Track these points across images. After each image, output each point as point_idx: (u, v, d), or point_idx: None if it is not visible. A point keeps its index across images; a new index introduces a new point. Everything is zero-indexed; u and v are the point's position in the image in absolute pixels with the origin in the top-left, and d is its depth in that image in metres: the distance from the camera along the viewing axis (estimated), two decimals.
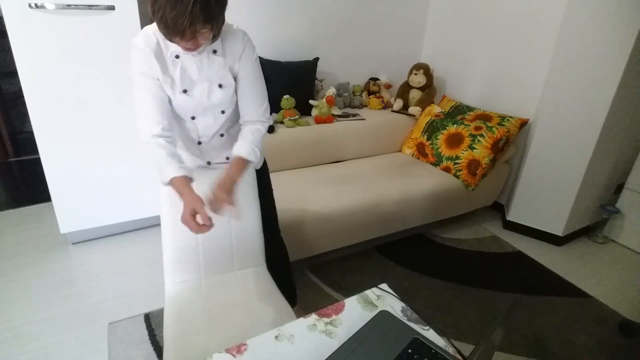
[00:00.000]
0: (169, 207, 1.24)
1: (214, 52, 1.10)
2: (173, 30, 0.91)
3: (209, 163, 1.31)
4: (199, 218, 1.00)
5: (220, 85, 1.14)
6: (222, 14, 0.98)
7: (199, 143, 1.26)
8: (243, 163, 1.16)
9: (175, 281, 1.27)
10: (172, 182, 1.05)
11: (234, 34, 1.12)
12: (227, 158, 1.29)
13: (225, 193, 1.06)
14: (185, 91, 1.11)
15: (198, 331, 1.10)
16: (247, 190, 1.31)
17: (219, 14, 0.96)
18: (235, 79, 1.16)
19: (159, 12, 0.89)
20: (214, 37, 1.05)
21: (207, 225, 0.99)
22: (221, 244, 1.30)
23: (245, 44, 1.13)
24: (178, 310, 1.17)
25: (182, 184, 1.04)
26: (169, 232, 1.25)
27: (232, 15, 2.65)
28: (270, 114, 1.27)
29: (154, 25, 1.03)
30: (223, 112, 1.19)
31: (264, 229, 1.37)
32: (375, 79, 2.94)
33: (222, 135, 1.26)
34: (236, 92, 1.18)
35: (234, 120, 1.27)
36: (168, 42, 1.04)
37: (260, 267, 1.37)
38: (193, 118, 1.18)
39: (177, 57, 1.08)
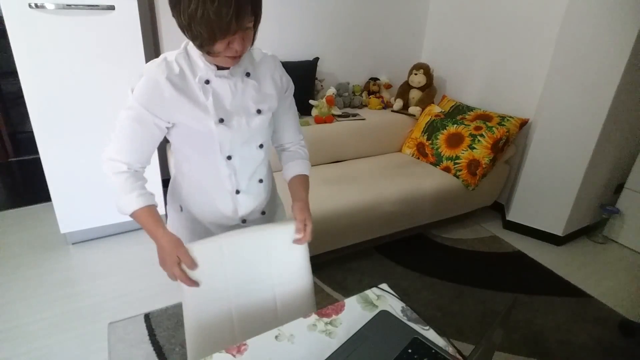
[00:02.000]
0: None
1: (247, 74, 0.97)
2: (217, 26, 0.76)
3: (244, 221, 1.11)
4: (183, 266, 0.89)
5: (258, 111, 0.99)
6: (261, 7, 0.86)
7: (237, 192, 1.05)
8: (306, 181, 1.11)
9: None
10: (135, 216, 0.91)
11: (265, 56, 1.02)
12: (263, 212, 1.15)
13: (309, 219, 1.02)
14: (221, 120, 0.93)
15: None
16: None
17: (261, 5, 0.85)
18: (270, 102, 1.02)
19: (197, 12, 0.75)
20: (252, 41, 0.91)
21: (194, 281, 0.90)
22: (263, 305, 1.05)
23: (277, 64, 1.04)
24: None
25: (152, 218, 0.91)
26: (192, 304, 0.96)
27: None
28: None
29: (175, 53, 0.92)
30: (261, 146, 1.03)
31: None
32: (375, 79, 2.94)
33: (260, 181, 1.09)
34: (274, 118, 1.07)
35: (269, 166, 1.15)
36: (196, 66, 0.91)
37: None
38: (229, 158, 0.98)
39: (207, 82, 0.92)
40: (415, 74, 2.78)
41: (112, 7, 1.83)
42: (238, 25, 0.78)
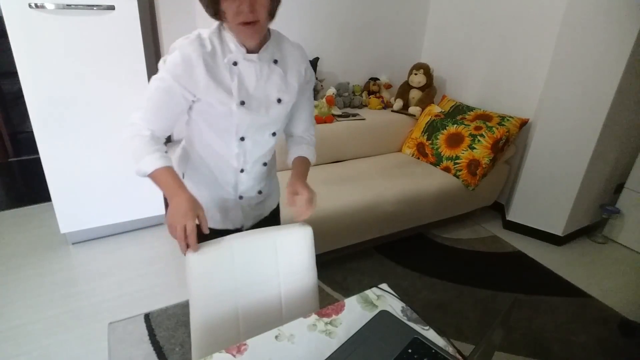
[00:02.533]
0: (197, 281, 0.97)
1: (275, 62, 0.98)
2: None
3: (240, 197, 1.14)
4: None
5: (279, 100, 1.01)
6: None
7: (242, 171, 1.08)
8: (307, 163, 1.12)
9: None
10: (156, 174, 0.92)
11: (293, 46, 1.03)
12: (260, 192, 1.17)
13: (310, 190, 1.02)
14: (242, 103, 0.95)
15: None
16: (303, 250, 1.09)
17: None
18: (292, 94, 1.04)
19: None
20: (270, 16, 0.92)
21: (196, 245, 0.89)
22: (268, 303, 1.06)
23: (304, 56, 1.05)
24: None
25: (173, 177, 0.92)
26: (199, 304, 0.96)
27: None
28: None
29: (209, 31, 0.93)
30: (274, 134, 1.07)
31: None
32: (375, 79, 2.94)
33: (264, 164, 1.13)
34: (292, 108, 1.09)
35: (274, 152, 1.18)
36: (227, 47, 0.93)
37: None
38: (242, 139, 1.02)
39: (234, 64, 0.93)
40: (415, 74, 2.78)
41: (112, 7, 1.83)
42: None
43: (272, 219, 1.26)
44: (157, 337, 1.64)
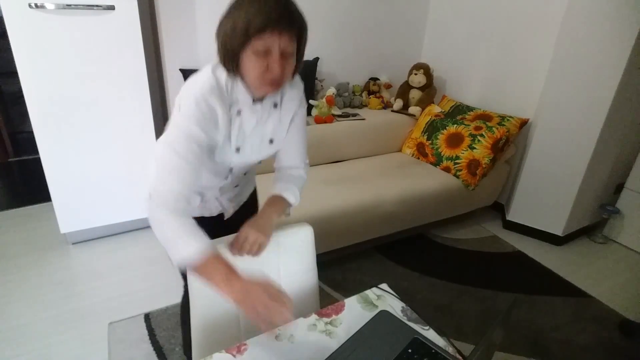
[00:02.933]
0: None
1: (274, 105, 0.98)
2: (272, 12, 0.77)
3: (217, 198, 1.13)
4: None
5: (271, 141, 1.01)
6: (306, 38, 0.87)
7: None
8: (281, 203, 1.02)
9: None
10: (202, 260, 0.80)
11: (292, 85, 1.01)
12: (236, 186, 1.15)
13: (261, 234, 0.92)
14: (238, 150, 0.96)
15: None
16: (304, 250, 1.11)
17: (306, 39, 0.86)
18: (284, 132, 1.03)
19: (244, 15, 0.77)
20: (292, 74, 0.91)
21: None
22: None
23: (301, 91, 1.03)
24: None
25: (221, 261, 0.81)
26: (199, 304, 0.96)
27: None
28: None
29: (224, 73, 0.88)
30: (260, 162, 1.07)
31: None
32: (375, 79, 2.94)
33: (245, 174, 1.14)
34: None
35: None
36: (237, 93, 0.89)
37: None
38: (230, 170, 1.04)
39: (238, 113, 0.92)
40: (415, 74, 2.78)
41: (112, 7, 1.83)
42: (285, 24, 0.78)
43: (251, 203, 1.28)
44: (157, 337, 1.64)
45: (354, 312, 0.93)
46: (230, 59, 0.84)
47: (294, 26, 0.81)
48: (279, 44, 0.80)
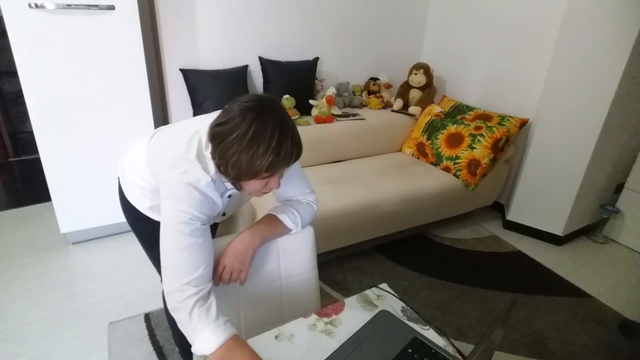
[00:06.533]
0: None
1: None
2: (282, 161, 0.82)
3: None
4: None
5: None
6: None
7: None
8: (274, 224, 1.00)
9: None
10: (226, 347, 0.78)
11: None
12: (224, 214, 1.14)
13: (237, 262, 0.92)
14: (224, 214, 1.08)
15: None
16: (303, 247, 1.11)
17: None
18: None
19: (273, 144, 0.80)
20: None
21: None
22: (270, 301, 1.06)
23: None
24: None
25: (245, 348, 0.79)
26: None
27: (233, 15, 2.64)
28: None
29: (213, 171, 0.88)
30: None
31: None
32: (375, 79, 2.94)
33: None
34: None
35: None
36: (226, 184, 0.94)
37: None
38: (224, 214, 1.11)
39: (229, 196, 0.98)
40: (415, 74, 2.78)
41: (112, 7, 1.83)
42: (294, 160, 0.86)
43: None
44: (157, 337, 1.64)
45: (354, 312, 0.93)
46: (234, 179, 0.87)
47: (298, 157, 0.88)
48: (283, 171, 0.88)
